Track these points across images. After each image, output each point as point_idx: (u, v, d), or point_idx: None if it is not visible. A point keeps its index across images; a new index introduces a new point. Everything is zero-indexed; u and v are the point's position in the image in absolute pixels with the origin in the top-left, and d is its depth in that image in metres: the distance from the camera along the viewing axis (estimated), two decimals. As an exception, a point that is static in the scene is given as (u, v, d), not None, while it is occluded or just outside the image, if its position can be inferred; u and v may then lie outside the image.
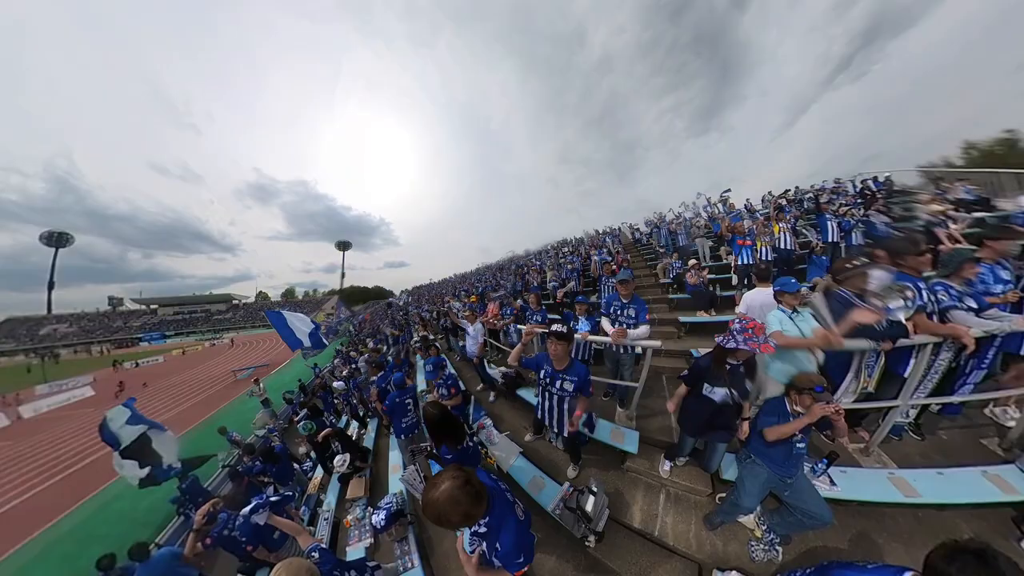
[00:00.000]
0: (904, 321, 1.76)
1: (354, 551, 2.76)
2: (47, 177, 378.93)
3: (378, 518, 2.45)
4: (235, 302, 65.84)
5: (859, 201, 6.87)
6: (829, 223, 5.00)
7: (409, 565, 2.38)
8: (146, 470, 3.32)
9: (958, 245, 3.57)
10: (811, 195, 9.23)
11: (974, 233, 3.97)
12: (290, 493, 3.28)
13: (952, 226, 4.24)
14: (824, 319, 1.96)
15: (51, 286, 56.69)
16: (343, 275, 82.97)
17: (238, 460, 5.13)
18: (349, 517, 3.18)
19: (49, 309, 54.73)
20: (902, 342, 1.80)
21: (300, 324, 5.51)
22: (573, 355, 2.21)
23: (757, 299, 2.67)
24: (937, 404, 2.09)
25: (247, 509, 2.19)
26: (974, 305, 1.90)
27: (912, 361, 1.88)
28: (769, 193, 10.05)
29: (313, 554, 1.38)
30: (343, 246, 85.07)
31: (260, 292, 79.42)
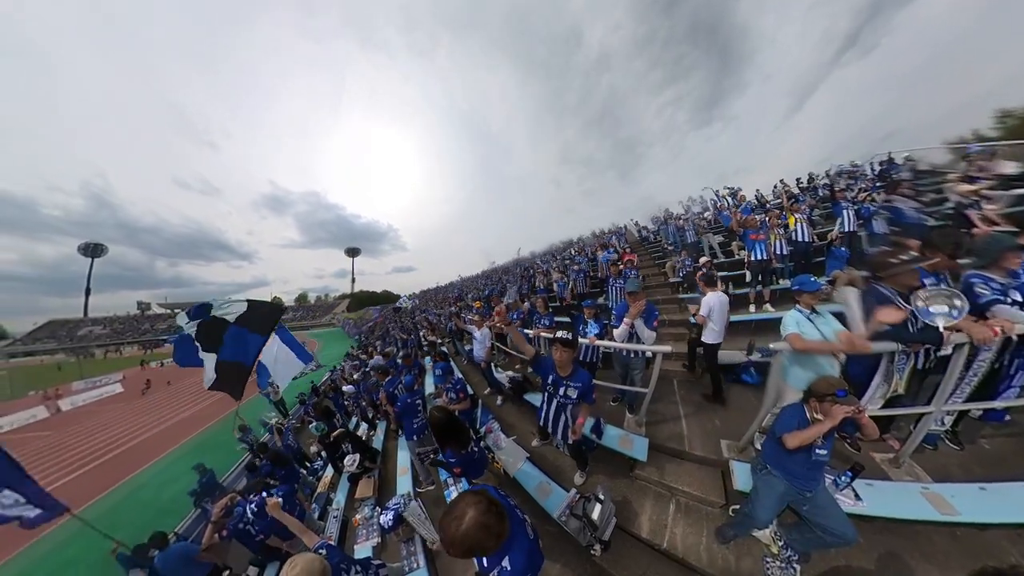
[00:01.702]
0: (941, 328, 1.55)
1: (361, 550, 2.80)
2: (85, 195, 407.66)
3: (386, 518, 2.46)
4: (253, 305, 68.38)
5: (879, 185, 6.43)
6: (845, 211, 4.68)
7: (415, 566, 2.41)
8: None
9: (995, 229, 3.18)
10: (826, 182, 8.73)
11: (1015, 214, 3.52)
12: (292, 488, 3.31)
13: (987, 207, 3.68)
14: (857, 318, 1.78)
15: (88, 292, 60.79)
16: (353, 280, 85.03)
17: (254, 456, 5.32)
18: (358, 516, 3.22)
19: (86, 312, 58.52)
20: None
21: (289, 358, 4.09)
22: (580, 358, 2.15)
23: (716, 301, 2.80)
24: (977, 410, 1.89)
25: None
26: (1019, 298, 1.68)
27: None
28: (781, 182, 9.58)
29: (321, 551, 1.40)
30: (352, 252, 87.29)
31: (275, 297, 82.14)
